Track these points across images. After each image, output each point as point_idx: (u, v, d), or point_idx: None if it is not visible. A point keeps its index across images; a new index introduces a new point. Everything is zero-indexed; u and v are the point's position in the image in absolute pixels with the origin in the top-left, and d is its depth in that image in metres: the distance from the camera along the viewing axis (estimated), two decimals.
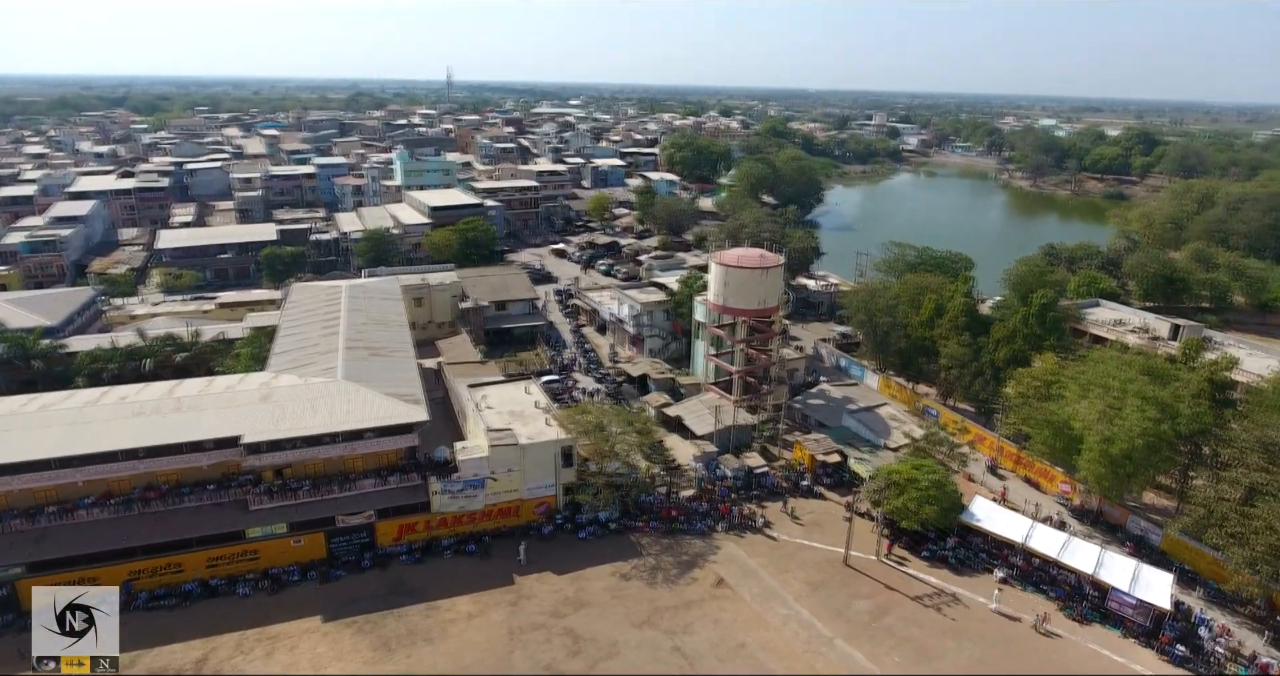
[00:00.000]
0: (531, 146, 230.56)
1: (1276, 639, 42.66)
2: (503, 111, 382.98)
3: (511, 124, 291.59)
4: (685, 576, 46.42)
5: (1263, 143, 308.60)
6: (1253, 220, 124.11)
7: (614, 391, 71.00)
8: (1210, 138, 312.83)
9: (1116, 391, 50.32)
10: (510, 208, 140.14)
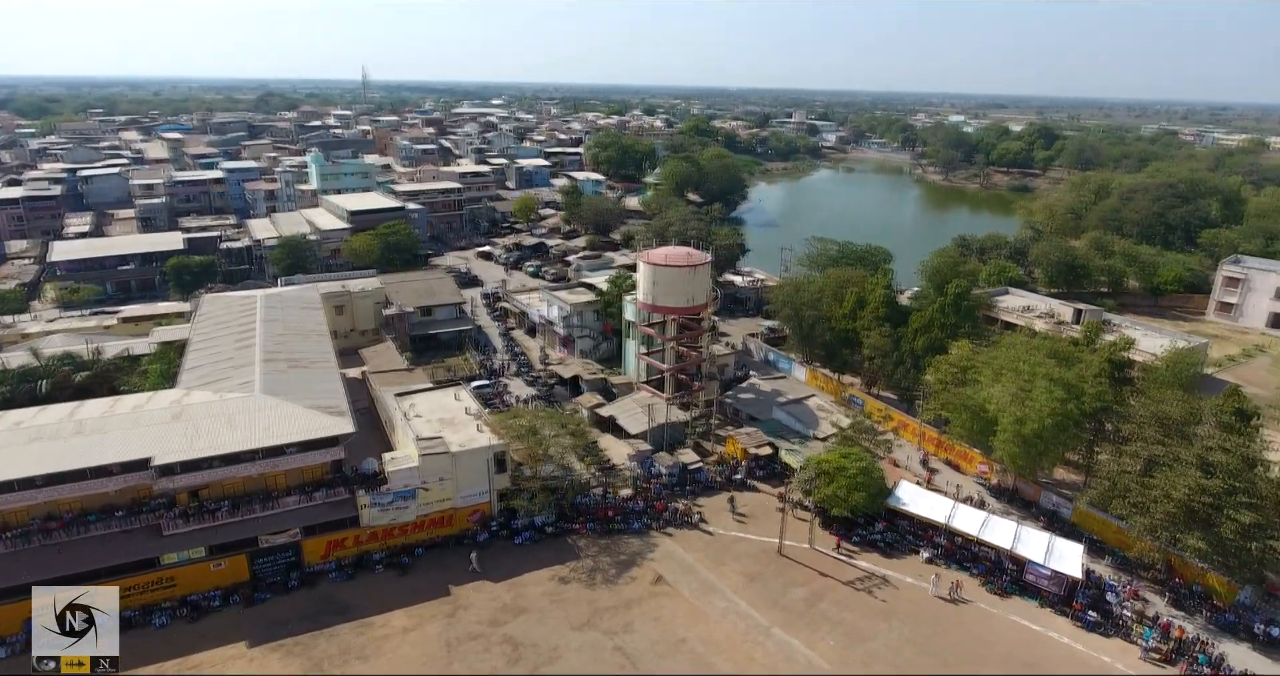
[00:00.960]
0: (453, 147, 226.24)
1: (1176, 600, 45.73)
2: (422, 112, 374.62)
3: (432, 124, 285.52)
4: (624, 576, 46.50)
5: (1150, 136, 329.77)
6: (1143, 209, 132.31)
7: (546, 394, 70.50)
8: (1104, 132, 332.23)
9: (1026, 374, 52.89)
10: (433, 210, 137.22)
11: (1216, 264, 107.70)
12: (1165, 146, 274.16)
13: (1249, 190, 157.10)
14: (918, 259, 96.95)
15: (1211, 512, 43.14)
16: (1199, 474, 43.96)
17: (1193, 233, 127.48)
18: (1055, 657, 41.14)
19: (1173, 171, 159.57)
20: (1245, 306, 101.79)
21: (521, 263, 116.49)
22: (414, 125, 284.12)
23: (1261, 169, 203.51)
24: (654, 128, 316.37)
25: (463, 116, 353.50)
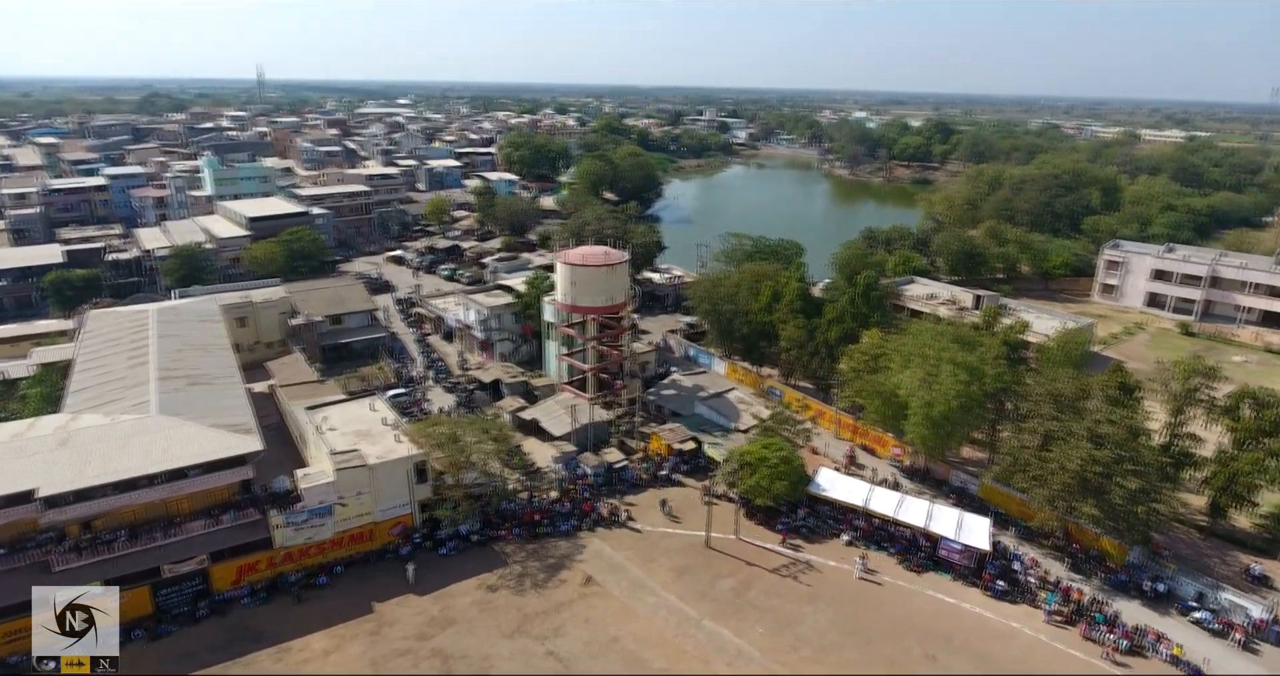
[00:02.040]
0: (359, 149, 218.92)
1: (1074, 564, 48.82)
2: (324, 112, 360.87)
3: (335, 125, 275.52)
4: (553, 579, 46.12)
5: (1036, 130, 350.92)
6: (1033, 199, 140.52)
7: (466, 400, 69.12)
8: (995, 127, 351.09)
9: (933, 360, 55.27)
10: (340, 215, 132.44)
11: (1099, 248, 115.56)
12: (1050, 140, 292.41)
13: (1124, 179, 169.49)
14: (829, 252, 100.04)
15: (1102, 481, 46.20)
16: (1090, 445, 46.99)
17: (1077, 220, 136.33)
18: (969, 627, 43.24)
19: (1057, 163, 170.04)
20: (1125, 287, 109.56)
21: (435, 266, 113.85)
22: (316, 126, 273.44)
23: (1134, 159, 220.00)
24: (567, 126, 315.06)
25: (368, 117, 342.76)
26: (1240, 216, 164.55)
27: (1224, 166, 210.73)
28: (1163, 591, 45.98)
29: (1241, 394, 53.53)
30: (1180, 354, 67.13)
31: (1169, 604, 45.34)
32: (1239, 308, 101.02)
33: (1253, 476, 50.31)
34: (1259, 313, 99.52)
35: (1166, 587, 46.14)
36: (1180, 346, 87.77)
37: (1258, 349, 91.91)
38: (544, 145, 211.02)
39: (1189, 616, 44.26)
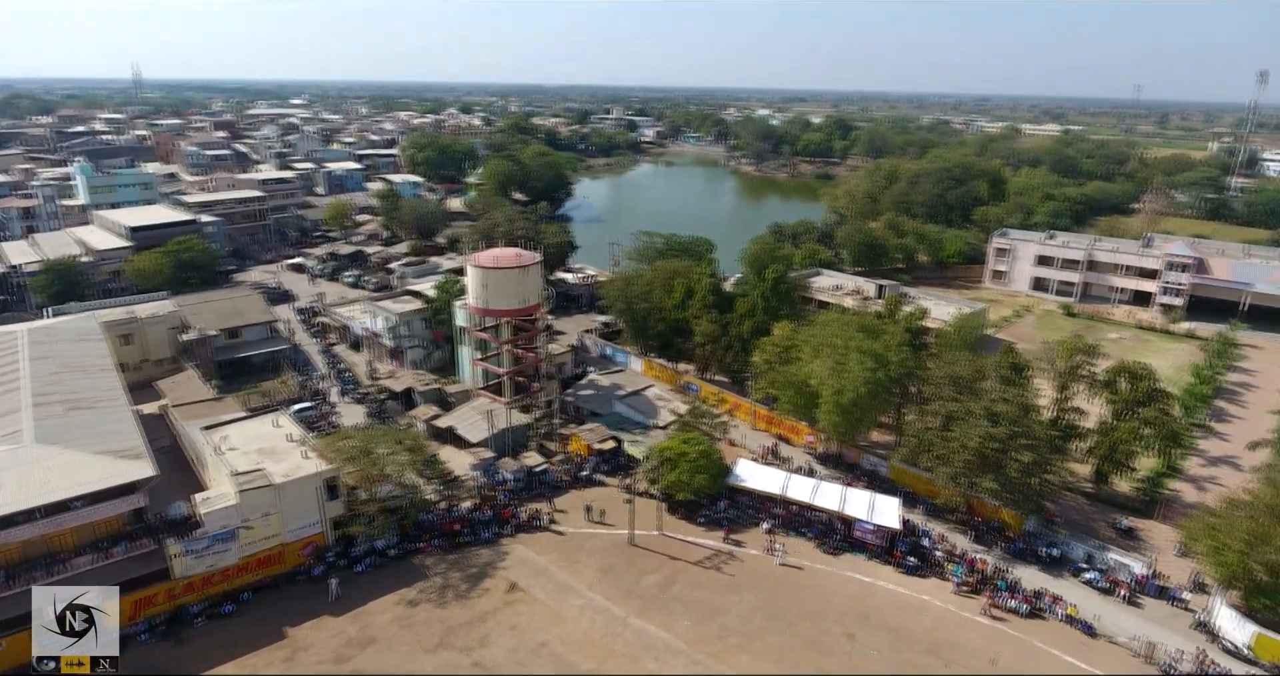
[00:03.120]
0: (251, 152, 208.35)
1: (977, 536, 51.57)
2: (210, 113, 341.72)
3: (223, 127, 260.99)
4: (476, 589, 45.23)
5: (928, 126, 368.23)
6: (927, 191, 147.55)
7: (377, 410, 66.86)
8: (890, 123, 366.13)
9: (841, 348, 57.19)
10: (232, 222, 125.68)
11: (988, 237, 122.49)
12: (941, 135, 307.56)
13: (1008, 171, 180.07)
14: (738, 247, 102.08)
15: (999, 456, 49.01)
16: (987, 424, 49.76)
17: (968, 210, 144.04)
18: (884, 603, 45.03)
19: (948, 157, 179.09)
20: (1013, 273, 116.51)
21: (339, 273, 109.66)
22: (202, 128, 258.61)
23: (1017, 152, 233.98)
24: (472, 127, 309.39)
25: (259, 118, 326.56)
26: (1111, 204, 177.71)
27: (1096, 158, 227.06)
28: (1056, 555, 49.21)
29: (1118, 369, 57.82)
30: (1063, 334, 72.08)
31: (1062, 567, 48.56)
32: (1113, 288, 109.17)
33: (1130, 444, 54.55)
34: (1130, 292, 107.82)
35: (1060, 552, 49.41)
36: (1063, 326, 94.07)
37: (1130, 326, 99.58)
38: (449, 146, 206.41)
39: (1080, 577, 47.52)
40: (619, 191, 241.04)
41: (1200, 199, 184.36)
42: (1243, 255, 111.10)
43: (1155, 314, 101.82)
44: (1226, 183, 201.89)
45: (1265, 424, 69.27)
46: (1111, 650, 41.79)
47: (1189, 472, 61.33)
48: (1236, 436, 67.46)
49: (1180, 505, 55.79)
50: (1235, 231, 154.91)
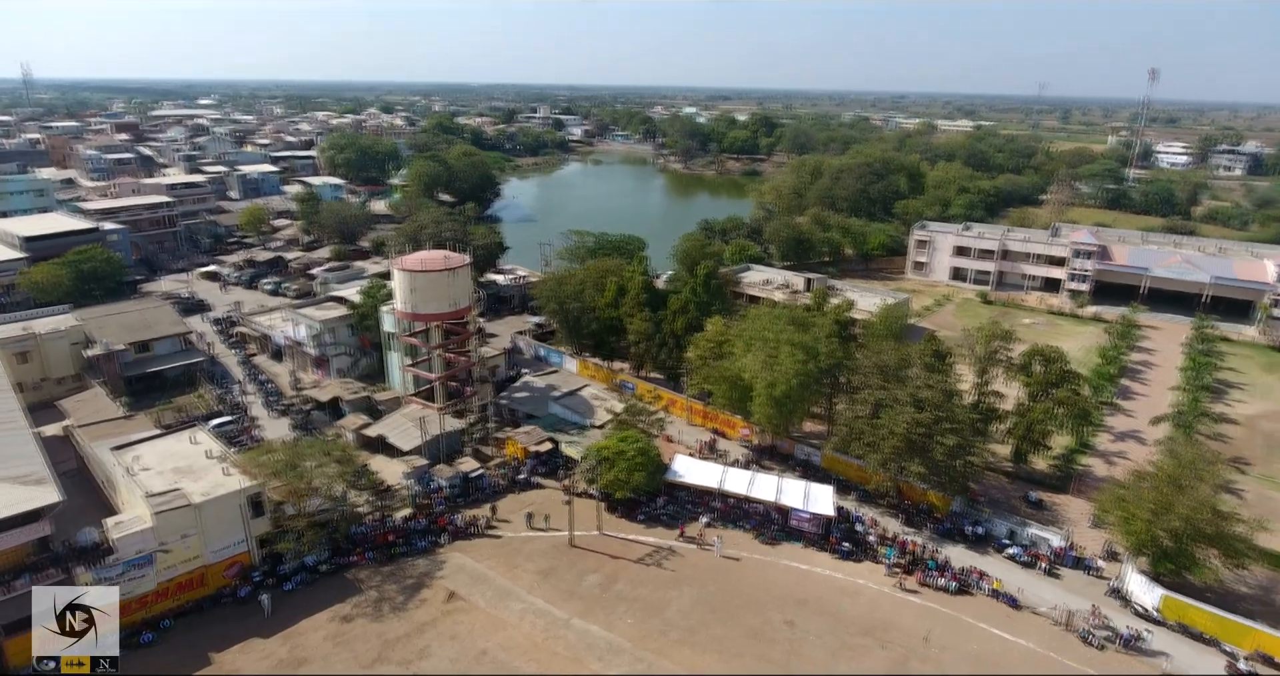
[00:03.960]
0: (156, 155, 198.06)
1: (908, 519, 53.30)
2: (111, 115, 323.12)
3: (126, 130, 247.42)
4: (413, 600, 44.15)
5: (849, 122, 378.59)
6: (850, 186, 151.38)
7: (303, 422, 64.46)
8: (813, 120, 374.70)
9: (772, 342, 58.11)
10: (139, 229, 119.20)
11: (909, 229, 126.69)
12: (862, 131, 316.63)
13: (926, 166, 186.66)
14: (669, 244, 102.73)
15: (925, 441, 50.68)
16: (913, 410, 51.36)
17: (889, 204, 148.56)
18: (821, 589, 46.05)
19: (869, 153, 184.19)
20: (933, 263, 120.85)
21: (257, 280, 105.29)
22: (102, 131, 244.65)
23: (933, 147, 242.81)
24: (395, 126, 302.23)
25: (165, 119, 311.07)
26: (1021, 195, 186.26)
27: (1006, 152, 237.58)
28: (981, 533, 51.28)
29: (1032, 352, 60.64)
30: (981, 321, 75.08)
31: (987, 544, 50.66)
32: (1025, 276, 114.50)
33: (1045, 423, 57.28)
34: (1041, 279, 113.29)
35: (984, 530, 51.50)
36: (981, 314, 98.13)
37: (1042, 311, 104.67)
38: (371, 146, 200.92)
39: (1004, 553, 49.65)
40: (548, 191, 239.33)
41: (1101, 189, 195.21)
42: (1141, 242, 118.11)
43: (1064, 299, 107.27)
44: (1124, 174, 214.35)
45: (1165, 400, 73.88)
46: (1034, 620, 43.82)
47: (1099, 448, 64.84)
48: (1140, 412, 71.73)
49: (1092, 479, 58.94)
50: (1134, 220, 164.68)
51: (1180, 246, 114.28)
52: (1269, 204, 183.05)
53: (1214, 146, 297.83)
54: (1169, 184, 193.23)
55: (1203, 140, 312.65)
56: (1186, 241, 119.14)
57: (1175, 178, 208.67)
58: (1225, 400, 75.21)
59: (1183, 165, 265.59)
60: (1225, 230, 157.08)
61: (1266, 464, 62.97)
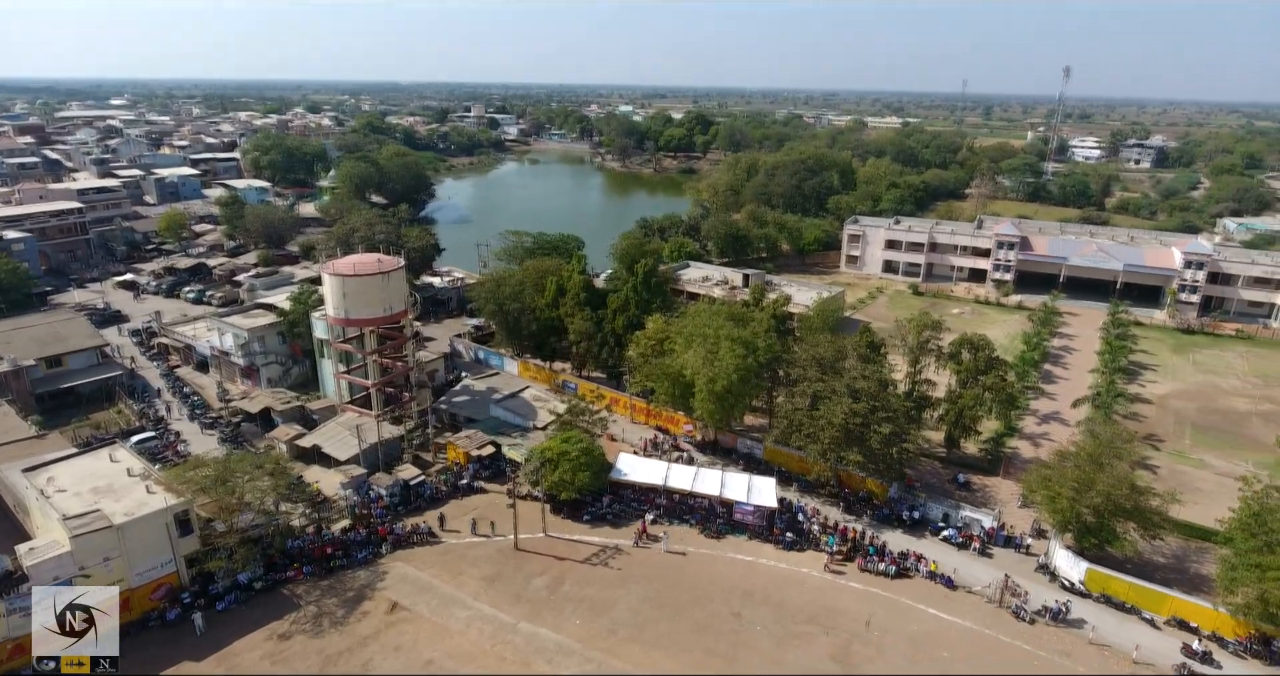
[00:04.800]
0: (65, 159, 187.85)
1: (847, 507, 54.56)
2: (12, 117, 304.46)
3: (29, 132, 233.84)
4: (354, 613, 42.98)
5: (783, 120, 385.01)
6: (785, 183, 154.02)
7: (232, 435, 62.06)
8: (748, 118, 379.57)
9: (712, 338, 58.60)
10: (46, 237, 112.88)
11: (842, 224, 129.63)
12: (795, 128, 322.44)
13: (857, 162, 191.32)
14: (608, 243, 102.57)
15: (862, 430, 51.95)
16: (850, 400, 52.59)
17: (823, 200, 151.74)
18: (766, 580, 46.72)
19: (802, 150, 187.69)
20: (865, 257, 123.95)
21: (178, 289, 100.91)
22: (3, 133, 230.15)
23: (863, 144, 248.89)
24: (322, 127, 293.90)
25: (73, 121, 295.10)
26: (947, 189, 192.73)
27: (932, 148, 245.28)
28: (917, 517, 52.87)
29: (960, 341, 62.74)
30: (912, 311, 77.28)
31: (923, 527, 52.26)
32: (953, 267, 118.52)
33: (974, 409, 59.38)
34: (968, 270, 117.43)
35: (920, 514, 53.11)
36: (913, 305, 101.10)
37: (970, 301, 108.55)
38: (297, 148, 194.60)
39: (939, 535, 51.31)
40: (485, 191, 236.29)
41: (1022, 183, 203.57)
42: (1059, 233, 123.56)
43: (990, 289, 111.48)
44: (1043, 168, 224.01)
45: (1085, 382, 77.54)
46: (969, 599, 45.42)
47: (1025, 431, 67.63)
48: (1063, 395, 75.12)
49: (1020, 461, 61.43)
50: (1052, 211, 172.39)
51: (1095, 236, 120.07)
52: (1174, 194, 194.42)
53: (1124, 141, 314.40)
54: (1084, 177, 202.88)
55: (1113, 135, 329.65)
56: (1101, 231, 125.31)
57: (1089, 171, 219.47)
58: (1139, 381, 79.42)
59: (1096, 159, 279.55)
60: (1136, 220, 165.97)
61: (1177, 440, 66.77)
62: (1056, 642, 41.93)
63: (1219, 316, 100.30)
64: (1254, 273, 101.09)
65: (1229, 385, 79.68)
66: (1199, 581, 47.03)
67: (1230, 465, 61.02)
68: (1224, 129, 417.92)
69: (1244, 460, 61.35)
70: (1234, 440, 66.76)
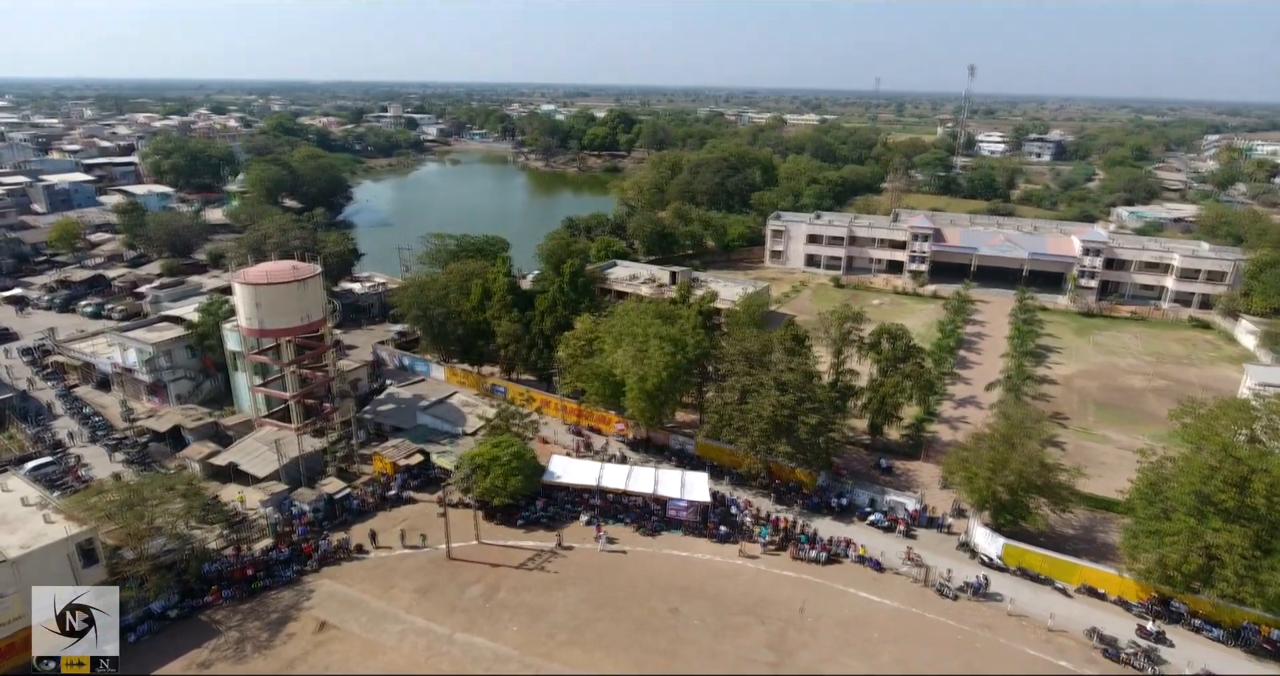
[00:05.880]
0: None
1: (778, 497, 55.65)
2: None
3: None
4: (280, 635, 41.27)
5: (705, 117, 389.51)
6: (708, 180, 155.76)
7: (139, 456, 58.65)
8: (670, 116, 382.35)
9: (641, 336, 58.77)
10: None
11: (765, 220, 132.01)
12: (717, 126, 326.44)
13: (777, 159, 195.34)
14: (534, 243, 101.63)
15: (790, 421, 53.07)
16: (777, 393, 53.60)
17: (746, 196, 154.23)
18: (702, 574, 47.19)
19: (725, 147, 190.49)
20: (789, 252, 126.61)
21: (74, 303, 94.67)
22: None
23: (783, 141, 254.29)
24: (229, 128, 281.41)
25: None
26: (864, 184, 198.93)
27: (849, 144, 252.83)
28: (845, 504, 54.39)
29: (880, 331, 64.76)
30: (834, 304, 79.46)
31: (851, 513, 53.79)
32: (872, 260, 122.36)
33: (896, 396, 61.36)
34: (886, 262, 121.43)
35: (848, 500, 54.66)
36: (835, 297, 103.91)
37: (888, 292, 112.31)
38: (202, 150, 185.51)
39: (867, 520, 52.90)
40: (405, 193, 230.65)
41: (933, 177, 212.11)
42: (969, 224, 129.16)
43: (906, 279, 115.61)
44: (952, 162, 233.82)
45: (997, 366, 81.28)
46: (896, 580, 46.99)
47: (944, 415, 70.42)
48: (977, 379, 78.56)
49: (940, 444, 63.92)
50: (962, 203, 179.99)
51: (1003, 227, 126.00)
52: (1072, 186, 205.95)
53: (1026, 136, 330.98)
54: (990, 170, 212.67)
55: (1016, 130, 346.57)
56: (1007, 222, 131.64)
57: (995, 164, 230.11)
58: (1046, 363, 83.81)
59: (1000, 153, 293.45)
60: (1039, 210, 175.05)
61: (1081, 417, 70.77)
62: (978, 616, 43.82)
63: (1115, 300, 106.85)
64: (1145, 258, 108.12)
65: (1126, 364, 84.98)
66: (1105, 550, 49.93)
67: (1129, 439, 65.00)
68: (1115, 124, 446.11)
69: (1141, 433, 65.46)
70: (1132, 415, 71.22)
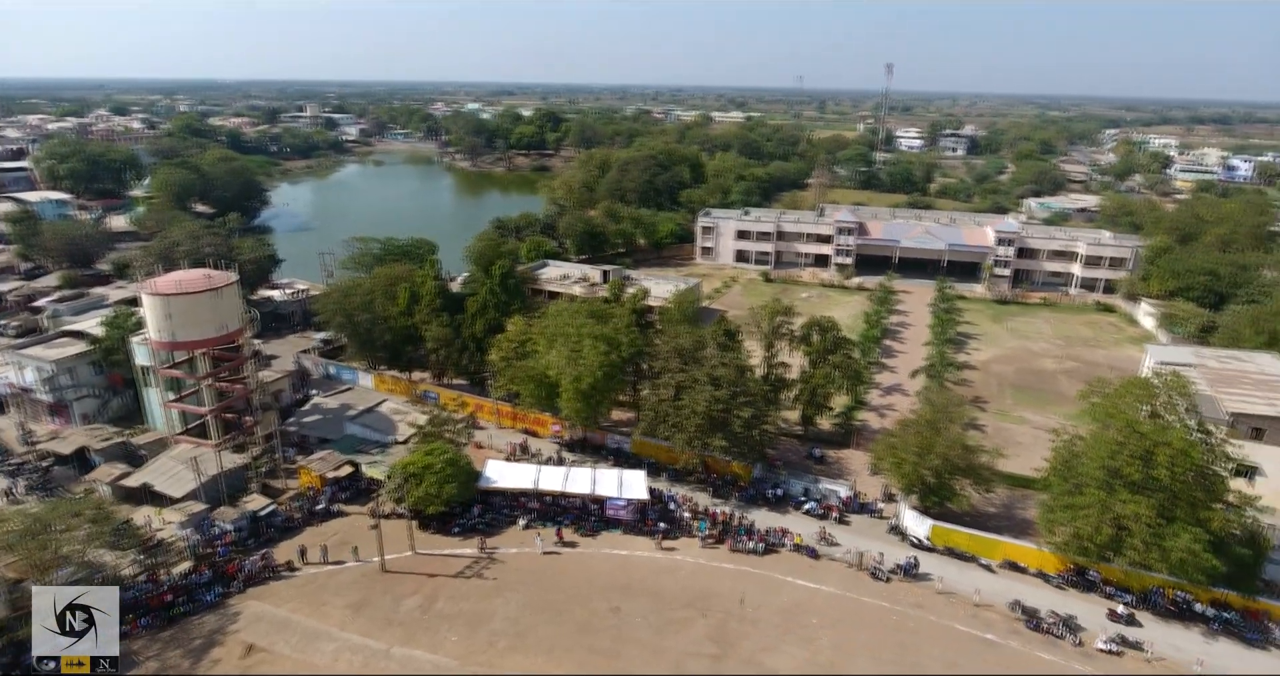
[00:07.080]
0: None
1: (715, 491, 56.21)
2: None
3: None
4: (204, 661, 39.34)
5: (632, 116, 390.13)
6: (637, 178, 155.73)
7: (40, 481, 54.93)
8: (598, 114, 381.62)
9: (574, 337, 58.42)
10: None
11: (694, 217, 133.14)
12: (644, 124, 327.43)
13: (705, 156, 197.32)
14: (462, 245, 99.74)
15: (725, 415, 53.66)
16: (711, 388, 54.11)
17: (675, 194, 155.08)
18: (642, 571, 47.27)
19: (653, 145, 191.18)
20: (718, 248, 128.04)
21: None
22: None
23: (711, 138, 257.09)
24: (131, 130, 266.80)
25: None
26: (790, 180, 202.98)
27: (774, 141, 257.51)
28: (780, 494, 55.37)
29: (810, 324, 66.08)
30: (765, 298, 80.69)
31: (787, 503, 54.79)
32: (800, 254, 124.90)
33: (826, 387, 62.83)
34: (812, 256, 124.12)
35: (783, 491, 55.66)
36: (765, 292, 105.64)
37: (816, 285, 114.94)
38: (103, 154, 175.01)
39: (802, 509, 54.00)
40: (326, 195, 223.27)
41: (856, 172, 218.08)
42: (891, 217, 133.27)
43: (833, 272, 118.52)
44: (873, 157, 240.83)
45: (920, 354, 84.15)
46: (832, 566, 48.13)
47: (872, 403, 72.50)
48: (902, 367, 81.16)
49: (869, 432, 65.76)
50: (884, 198, 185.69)
51: (922, 220, 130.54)
52: (985, 179, 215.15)
53: (941, 131, 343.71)
54: (909, 165, 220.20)
55: (932, 126, 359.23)
56: (926, 215, 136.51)
57: (913, 159, 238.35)
58: (966, 350, 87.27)
59: (918, 148, 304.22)
60: (955, 203, 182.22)
61: (999, 400, 73.97)
62: (910, 596, 45.29)
63: (1027, 287, 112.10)
64: (1053, 246, 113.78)
65: (1039, 348, 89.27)
66: (1024, 526, 52.33)
67: (1044, 419, 68.30)
68: (1023, 119, 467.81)
69: (1055, 413, 68.87)
70: (1046, 397, 74.86)
